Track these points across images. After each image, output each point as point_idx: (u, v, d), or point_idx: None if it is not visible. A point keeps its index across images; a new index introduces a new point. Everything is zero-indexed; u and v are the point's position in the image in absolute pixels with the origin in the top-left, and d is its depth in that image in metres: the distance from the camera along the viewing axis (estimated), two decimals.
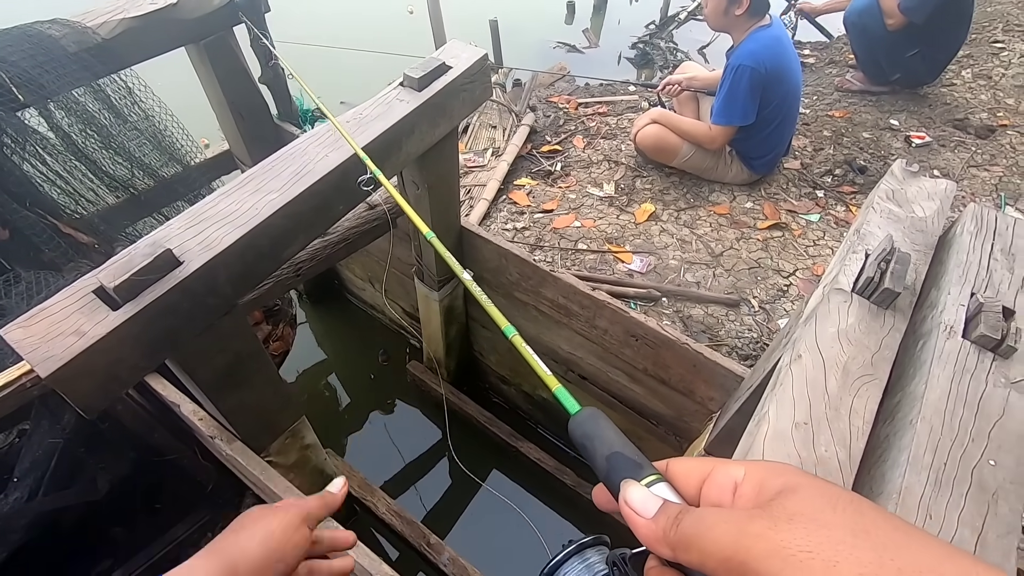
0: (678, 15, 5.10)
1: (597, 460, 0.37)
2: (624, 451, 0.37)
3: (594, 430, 0.39)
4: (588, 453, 0.38)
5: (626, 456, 0.37)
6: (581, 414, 0.40)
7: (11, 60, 1.28)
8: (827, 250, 2.37)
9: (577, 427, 0.40)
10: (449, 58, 1.28)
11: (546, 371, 0.48)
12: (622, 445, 0.37)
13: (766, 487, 0.32)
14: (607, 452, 0.37)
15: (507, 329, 0.53)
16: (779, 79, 2.28)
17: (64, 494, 1.28)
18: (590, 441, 0.38)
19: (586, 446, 0.38)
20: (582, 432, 0.39)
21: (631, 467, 0.36)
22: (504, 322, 0.54)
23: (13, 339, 0.79)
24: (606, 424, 0.39)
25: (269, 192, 0.99)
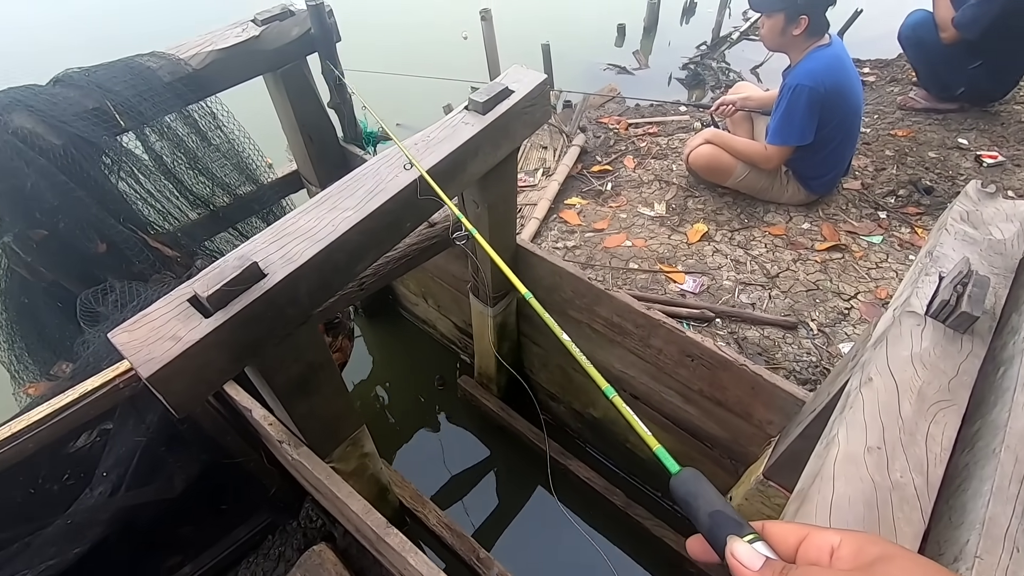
0: (730, 35, 5.07)
1: (700, 516, 0.41)
2: (725, 510, 0.41)
3: (697, 489, 0.43)
4: (691, 509, 0.42)
5: (727, 515, 0.40)
6: (684, 473, 0.45)
7: (116, 90, 1.41)
8: (891, 273, 2.29)
9: (680, 485, 0.44)
10: (512, 82, 1.33)
11: (646, 431, 0.51)
12: (723, 504, 0.41)
13: (864, 553, 0.36)
14: (710, 510, 0.41)
15: (607, 390, 0.56)
16: (839, 98, 2.24)
17: (144, 491, 1.37)
18: (693, 499, 0.42)
19: (689, 503, 0.43)
20: (685, 490, 0.43)
21: (733, 525, 0.40)
22: (603, 383, 0.57)
23: (119, 342, 0.86)
24: (707, 484, 0.43)
25: (345, 210, 1.05)
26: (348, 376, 2.62)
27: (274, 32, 1.63)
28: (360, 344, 2.78)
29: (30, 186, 1.28)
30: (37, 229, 1.38)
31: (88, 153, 1.37)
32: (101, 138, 1.39)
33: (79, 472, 1.38)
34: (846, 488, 0.71)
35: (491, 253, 0.87)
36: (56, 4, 5.72)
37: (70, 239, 1.41)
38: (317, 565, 1.52)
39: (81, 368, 1.34)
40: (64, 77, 1.40)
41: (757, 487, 1.34)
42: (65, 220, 1.38)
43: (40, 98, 1.33)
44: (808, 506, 0.70)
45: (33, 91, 1.34)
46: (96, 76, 1.40)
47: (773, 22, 2.22)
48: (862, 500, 0.69)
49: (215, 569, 1.65)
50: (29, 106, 1.31)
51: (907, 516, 0.68)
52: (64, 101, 1.35)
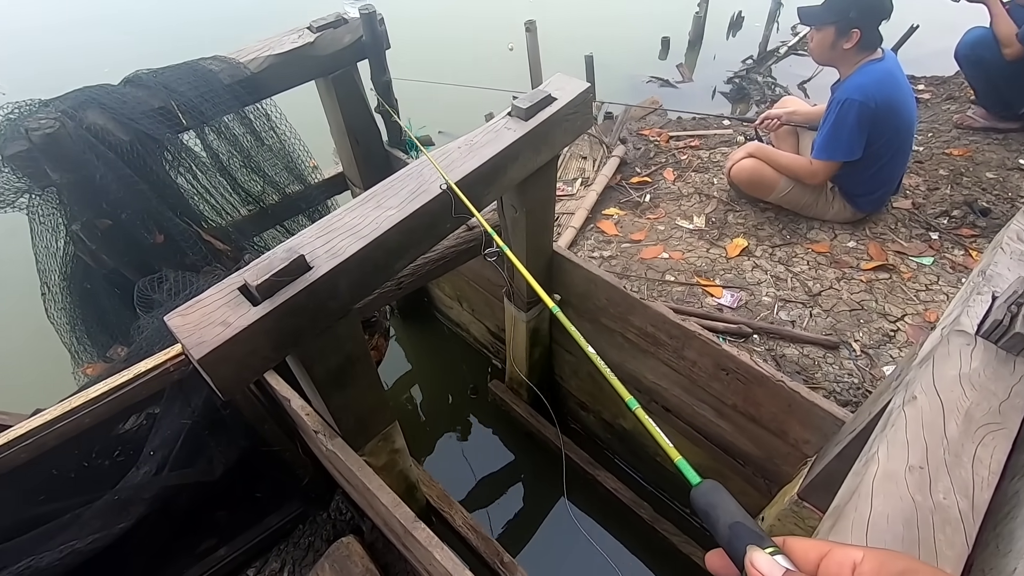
0: (778, 50, 4.99)
1: (719, 527, 0.41)
2: (745, 522, 0.41)
3: (717, 500, 0.43)
4: (711, 520, 0.42)
5: (747, 527, 0.40)
6: (704, 485, 0.44)
7: (180, 90, 1.50)
8: (941, 296, 2.20)
9: (701, 496, 0.44)
10: (554, 90, 1.35)
11: (667, 443, 0.51)
12: (743, 516, 0.41)
13: (886, 569, 0.35)
14: (730, 521, 0.41)
15: (630, 401, 0.57)
16: (890, 114, 2.17)
17: (186, 472, 1.42)
18: (713, 509, 0.42)
19: (709, 514, 0.42)
20: (706, 501, 0.43)
21: (753, 537, 0.39)
22: (626, 394, 0.58)
23: (173, 325, 0.91)
24: (728, 496, 0.43)
25: (389, 208, 1.08)
26: (382, 375, 2.67)
27: (328, 39, 1.70)
28: (394, 344, 2.83)
29: (99, 178, 1.36)
30: (102, 219, 1.47)
31: (152, 149, 1.45)
32: (164, 135, 1.47)
33: (128, 451, 1.45)
34: (884, 506, 0.69)
35: (520, 268, 0.89)
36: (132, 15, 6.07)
37: (131, 229, 1.50)
38: (344, 557, 1.55)
39: (135, 351, 1.41)
40: (134, 78, 1.49)
41: (791, 508, 1.31)
42: (128, 211, 1.46)
43: (112, 97, 1.42)
44: (843, 523, 0.68)
45: (106, 90, 1.44)
46: (163, 77, 1.49)
47: (823, 35, 2.18)
48: (901, 519, 0.67)
49: (247, 554, 1.70)
50: (102, 104, 1.40)
51: (949, 539, 0.66)
52: (133, 100, 1.44)
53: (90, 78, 1.47)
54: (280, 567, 1.69)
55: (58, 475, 1.37)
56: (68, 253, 1.56)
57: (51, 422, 1.14)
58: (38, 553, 1.30)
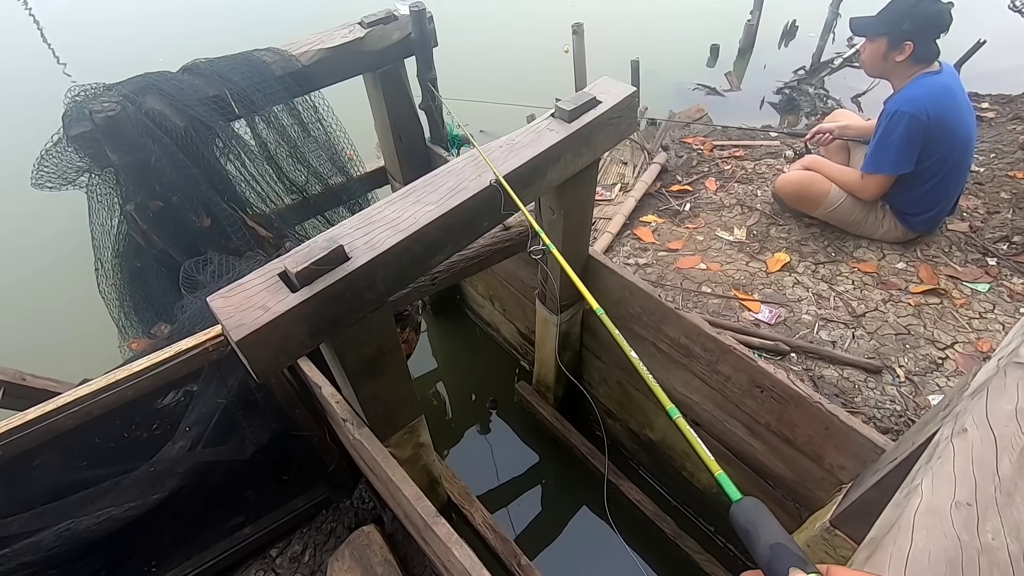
0: (832, 61, 4.84)
1: (759, 547, 0.40)
2: (788, 544, 0.39)
3: (759, 519, 0.41)
4: (750, 538, 0.40)
5: (790, 549, 0.39)
6: (746, 502, 0.43)
7: (233, 80, 1.54)
8: (996, 325, 2.08)
9: (742, 513, 0.42)
10: (600, 93, 1.33)
11: (708, 455, 0.50)
12: (785, 538, 0.40)
13: None
14: (771, 541, 0.39)
15: (671, 410, 0.55)
16: (944, 129, 2.07)
17: (219, 449, 1.47)
18: (754, 528, 0.41)
19: (749, 532, 0.41)
20: (747, 519, 0.42)
21: (797, 560, 0.38)
22: (668, 402, 0.56)
23: (215, 306, 0.94)
24: (770, 515, 0.42)
25: (428, 204, 1.09)
26: (410, 368, 2.70)
27: (377, 35, 1.73)
28: (424, 339, 2.86)
29: (154, 161, 1.42)
30: (155, 200, 1.53)
31: (204, 135, 1.50)
32: (217, 122, 1.52)
33: (165, 425, 1.50)
34: (926, 543, 0.65)
35: (566, 267, 0.88)
36: None
37: (181, 212, 1.55)
38: (365, 545, 1.57)
39: (177, 330, 1.46)
40: (192, 66, 1.55)
41: (822, 535, 1.26)
42: (179, 194, 1.51)
43: (170, 83, 1.48)
44: (880, 555, 0.65)
45: (165, 77, 1.49)
46: (218, 67, 1.54)
47: (875, 47, 2.10)
48: (944, 558, 0.64)
49: (272, 534, 1.74)
50: (161, 90, 1.45)
51: None
52: (190, 87, 1.49)
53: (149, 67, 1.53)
54: (302, 550, 1.73)
55: (100, 443, 1.43)
56: (121, 232, 1.62)
57: (96, 392, 1.19)
58: (78, 516, 1.36)
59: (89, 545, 1.39)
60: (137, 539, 1.57)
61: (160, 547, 1.68)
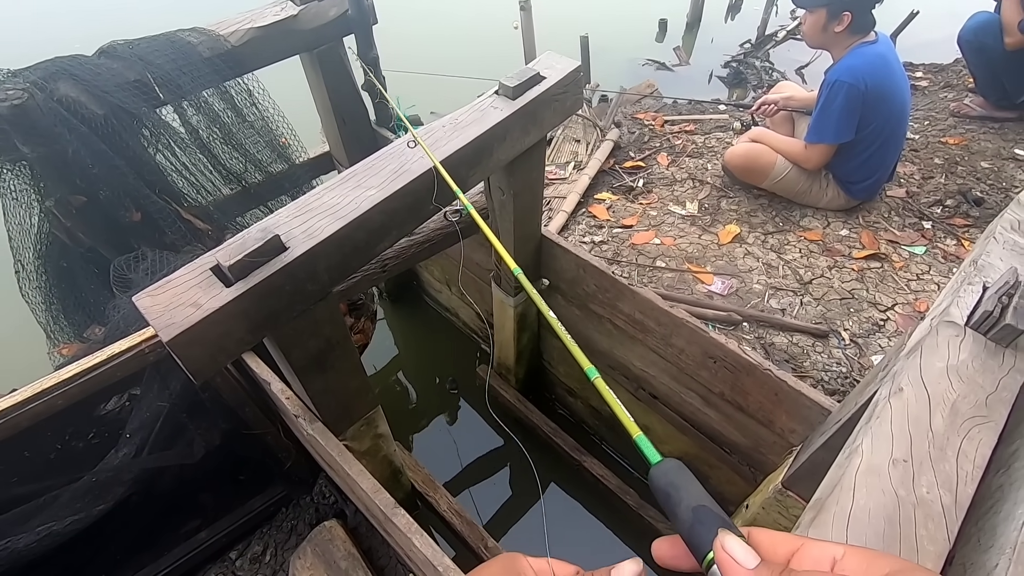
0: (776, 34, 4.93)
1: (681, 510, 0.36)
2: (711, 507, 0.36)
3: (680, 480, 0.38)
4: (671, 501, 0.37)
5: (713, 511, 0.36)
6: (666, 463, 0.40)
7: (156, 63, 1.44)
8: (932, 285, 2.19)
9: (662, 475, 0.39)
10: (544, 68, 1.31)
11: (628, 417, 0.47)
12: (709, 501, 0.37)
13: (875, 567, 0.32)
14: (694, 503, 0.36)
15: (590, 371, 0.52)
16: (881, 98, 2.14)
17: (165, 454, 1.41)
18: (675, 490, 0.38)
19: (670, 495, 0.38)
20: (667, 480, 0.38)
21: (721, 522, 0.35)
22: (587, 363, 0.53)
23: (142, 305, 0.88)
24: (691, 477, 0.38)
25: (369, 188, 1.05)
26: (369, 359, 2.65)
27: (312, 12, 1.64)
28: (383, 328, 2.80)
29: (71, 153, 1.32)
30: (77, 195, 1.43)
31: (128, 123, 1.40)
32: (141, 109, 1.42)
33: (104, 433, 1.43)
34: (867, 500, 0.67)
35: (497, 245, 0.85)
36: None
37: (107, 207, 1.45)
38: (327, 540, 1.54)
39: (112, 332, 1.38)
40: (109, 48, 1.44)
41: (775, 496, 1.30)
42: (104, 188, 1.42)
43: (85, 68, 1.37)
44: (824, 516, 0.67)
45: (79, 61, 1.38)
46: (139, 49, 1.43)
47: (815, 18, 2.15)
48: (883, 514, 0.66)
49: (230, 536, 1.69)
50: (74, 75, 1.35)
51: (931, 534, 0.64)
52: (107, 72, 1.39)
53: (61, 51, 1.41)
54: (263, 550, 1.69)
55: (33, 457, 1.35)
56: (43, 231, 1.51)
57: (22, 403, 1.11)
58: (14, 535, 1.28)
59: (30, 564, 1.31)
60: (85, 552, 1.50)
61: (111, 559, 1.61)
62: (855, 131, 2.20)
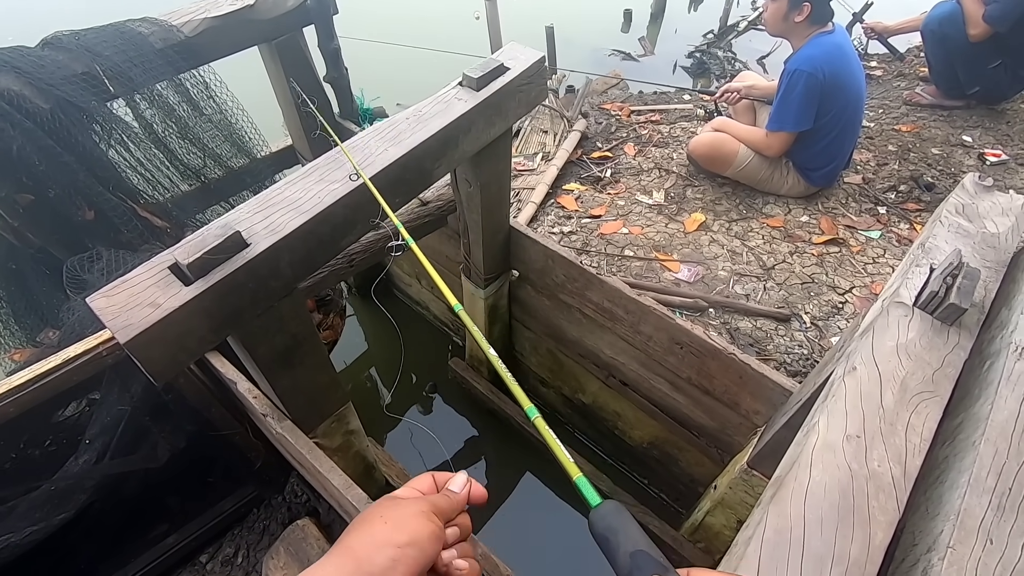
0: (737, 24, 5.01)
1: (619, 555, 0.36)
2: (650, 551, 0.36)
3: (619, 524, 0.38)
4: (609, 546, 0.37)
5: (652, 557, 0.36)
6: (605, 506, 0.39)
7: (105, 55, 1.39)
8: (887, 268, 2.27)
9: (600, 519, 0.39)
10: (507, 59, 1.30)
11: (569, 459, 0.47)
12: (647, 545, 0.37)
13: None
14: (632, 549, 0.36)
15: (530, 410, 0.52)
16: (838, 87, 2.21)
17: (129, 459, 1.37)
18: (614, 535, 0.37)
19: (608, 539, 0.37)
20: (605, 525, 0.38)
21: (658, 567, 0.35)
22: (527, 403, 0.53)
23: (97, 307, 0.85)
24: (631, 520, 0.38)
25: (332, 182, 1.03)
26: (340, 355, 2.62)
27: (269, 2, 1.60)
28: (353, 323, 2.77)
29: (16, 149, 1.26)
30: (24, 193, 1.37)
31: (76, 118, 1.35)
32: (90, 103, 1.36)
33: (63, 439, 1.38)
34: (822, 475, 0.70)
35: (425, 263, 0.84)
36: None
37: (58, 205, 1.40)
38: (300, 539, 1.52)
39: (66, 335, 1.33)
40: (53, 40, 1.38)
41: (741, 476, 1.35)
42: (53, 185, 1.36)
43: (28, 60, 1.31)
44: (783, 492, 0.70)
45: (21, 52, 1.32)
46: (85, 40, 1.38)
47: (776, 7, 2.21)
48: (837, 488, 0.69)
49: (200, 540, 1.66)
50: (16, 68, 1.28)
51: (882, 505, 0.68)
52: (52, 64, 1.33)
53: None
54: (234, 552, 1.66)
55: None
56: None
57: None
58: None
59: None
60: (46, 563, 1.45)
61: (76, 569, 1.57)
62: (814, 119, 2.27)
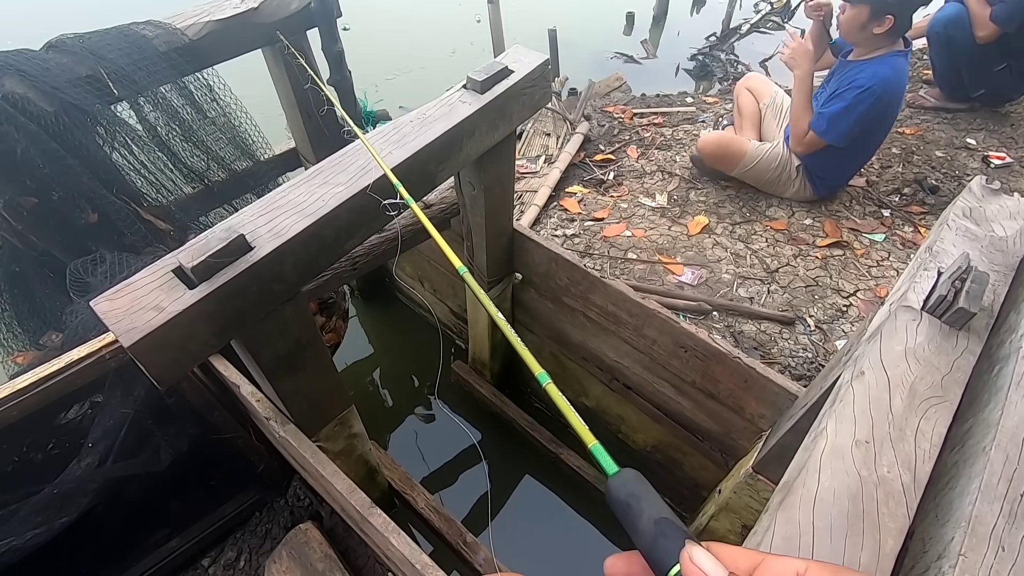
0: (740, 27, 5.01)
1: (642, 522, 0.35)
2: (673, 520, 0.35)
3: (641, 491, 0.37)
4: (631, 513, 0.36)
5: (677, 524, 0.35)
6: (625, 473, 0.38)
7: (109, 57, 1.39)
8: (892, 272, 2.26)
9: (622, 486, 0.37)
10: (511, 62, 1.30)
11: (584, 426, 0.45)
12: (671, 514, 0.36)
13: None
14: (656, 515, 0.35)
15: (541, 376, 0.50)
16: (887, 113, 2.17)
17: (131, 463, 1.36)
18: (636, 501, 0.36)
19: (631, 505, 0.36)
20: (627, 491, 0.37)
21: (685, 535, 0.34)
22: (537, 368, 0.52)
23: (101, 310, 0.85)
24: (651, 488, 0.37)
25: (336, 185, 1.03)
26: (342, 358, 2.61)
27: (273, 5, 1.60)
28: (355, 326, 2.77)
29: (20, 152, 1.26)
30: (27, 196, 1.37)
31: (80, 121, 1.35)
32: (94, 106, 1.37)
33: (65, 443, 1.38)
34: (831, 481, 0.69)
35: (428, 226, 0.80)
36: None
37: (61, 208, 1.40)
38: (303, 543, 1.52)
39: (69, 338, 1.33)
40: (57, 43, 1.38)
41: (746, 481, 1.34)
42: (56, 188, 1.36)
43: (32, 63, 1.31)
44: (792, 498, 0.69)
45: (25, 56, 1.32)
46: (90, 42, 1.38)
47: (856, 12, 2.05)
48: (847, 494, 0.68)
49: (201, 544, 1.65)
50: (21, 71, 1.29)
51: (892, 512, 0.67)
52: (57, 67, 1.33)
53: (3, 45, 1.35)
54: (236, 556, 1.65)
55: None
56: None
57: None
58: None
59: None
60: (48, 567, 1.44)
61: (77, 572, 1.56)
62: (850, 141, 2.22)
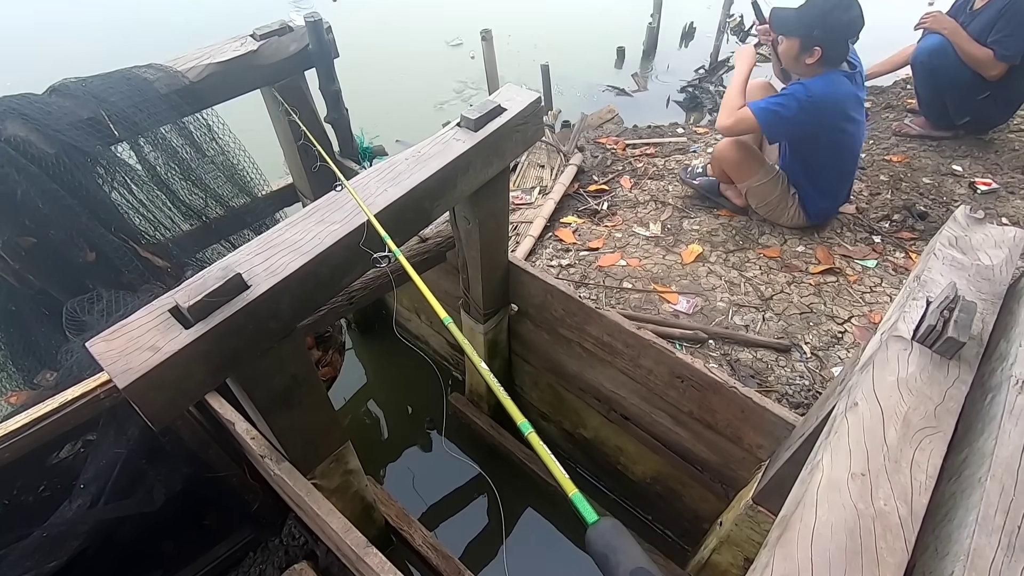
0: (728, 60, 5.14)
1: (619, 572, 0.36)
2: (650, 569, 0.36)
3: (618, 542, 0.38)
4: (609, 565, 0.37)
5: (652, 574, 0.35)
6: (603, 523, 0.39)
7: (111, 100, 1.42)
8: (885, 297, 2.28)
9: (599, 537, 0.38)
10: (504, 100, 1.34)
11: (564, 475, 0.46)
12: (647, 563, 0.36)
13: None
14: (632, 566, 0.36)
15: (523, 425, 0.51)
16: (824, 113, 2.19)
17: (124, 504, 1.34)
18: (614, 553, 0.37)
19: (608, 557, 0.37)
20: (604, 543, 0.38)
21: None
22: (520, 417, 0.52)
23: (96, 351, 0.85)
24: (630, 538, 0.38)
25: (332, 223, 1.05)
26: (338, 391, 2.60)
27: (272, 47, 1.65)
28: (352, 359, 2.76)
29: (20, 193, 1.28)
30: (26, 236, 1.38)
31: (81, 162, 1.37)
32: (94, 147, 1.39)
33: (57, 484, 1.36)
34: (829, 515, 0.69)
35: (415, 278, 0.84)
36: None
37: (59, 247, 1.41)
38: None
39: (64, 378, 1.33)
40: (60, 87, 1.41)
41: (747, 513, 1.32)
42: (55, 228, 1.37)
43: (35, 107, 1.34)
44: (790, 533, 0.69)
45: (28, 100, 1.35)
46: (91, 86, 1.41)
47: (790, 44, 2.18)
48: (844, 528, 0.68)
49: None
50: (24, 114, 1.31)
51: (890, 546, 0.67)
52: (59, 110, 1.36)
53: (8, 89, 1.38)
54: None
55: None
56: None
57: None
58: None
59: None
60: None
61: None
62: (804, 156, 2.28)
